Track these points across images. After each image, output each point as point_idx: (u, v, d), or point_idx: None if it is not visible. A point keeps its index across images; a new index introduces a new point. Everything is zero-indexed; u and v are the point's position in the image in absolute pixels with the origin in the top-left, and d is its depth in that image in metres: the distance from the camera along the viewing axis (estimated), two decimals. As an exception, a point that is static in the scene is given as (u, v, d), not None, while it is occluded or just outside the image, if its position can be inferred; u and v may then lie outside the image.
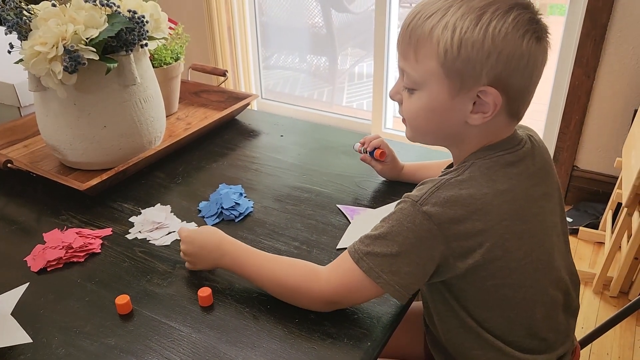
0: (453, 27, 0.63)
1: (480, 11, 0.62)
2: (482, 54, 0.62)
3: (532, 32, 0.64)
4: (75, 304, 0.80)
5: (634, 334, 1.63)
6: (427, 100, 0.68)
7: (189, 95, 1.49)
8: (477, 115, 0.67)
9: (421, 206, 0.65)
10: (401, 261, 0.67)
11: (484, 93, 0.65)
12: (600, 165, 2.13)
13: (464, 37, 0.62)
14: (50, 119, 1.08)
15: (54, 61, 0.96)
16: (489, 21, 0.62)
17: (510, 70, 0.64)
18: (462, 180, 0.67)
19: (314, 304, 0.75)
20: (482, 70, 0.63)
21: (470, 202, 0.65)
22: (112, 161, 1.11)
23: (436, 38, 0.64)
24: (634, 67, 1.92)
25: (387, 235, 0.67)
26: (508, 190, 0.68)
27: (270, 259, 0.79)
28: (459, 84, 0.65)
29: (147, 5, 1.11)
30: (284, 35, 3.24)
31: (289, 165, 1.17)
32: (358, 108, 3.22)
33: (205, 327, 0.76)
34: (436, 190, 0.66)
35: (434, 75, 0.66)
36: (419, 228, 0.65)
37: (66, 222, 0.99)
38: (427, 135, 0.74)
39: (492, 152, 0.70)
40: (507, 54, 0.63)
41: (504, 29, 0.62)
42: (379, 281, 0.68)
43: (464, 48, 0.63)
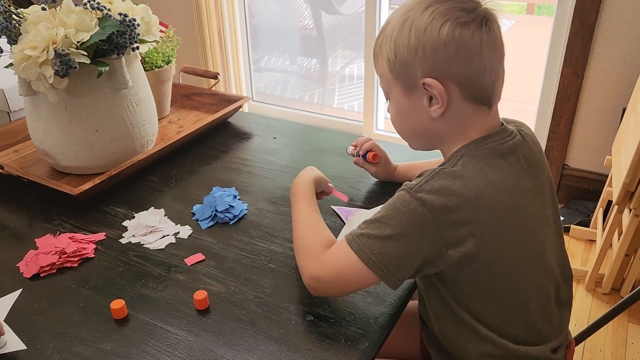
0: (390, 37, 0.72)
1: (404, 17, 0.71)
2: (411, 52, 0.70)
3: (453, 19, 0.68)
4: (70, 309, 0.80)
5: (626, 331, 1.64)
6: (395, 104, 0.77)
7: (180, 98, 1.49)
8: (434, 107, 0.72)
9: (416, 193, 0.68)
10: (392, 244, 0.68)
11: (428, 85, 0.70)
12: (591, 163, 2.15)
13: (397, 43, 0.71)
14: (41, 123, 1.07)
15: (45, 65, 0.95)
16: (410, 23, 0.70)
17: (442, 59, 0.69)
18: (455, 170, 0.70)
19: (304, 275, 0.77)
20: (415, 66, 0.70)
21: (463, 191, 0.67)
22: (104, 165, 1.11)
23: (385, 51, 0.74)
24: (622, 66, 1.94)
25: (381, 219, 0.70)
26: (499, 181, 0.70)
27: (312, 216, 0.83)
28: (406, 84, 0.73)
29: (138, 8, 1.10)
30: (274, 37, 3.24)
31: (282, 167, 1.17)
32: (349, 110, 3.23)
33: (201, 330, 0.75)
34: (431, 179, 0.69)
35: (389, 81, 0.75)
36: (412, 213, 0.68)
37: (59, 227, 0.98)
38: (411, 138, 0.80)
39: (482, 144, 0.72)
40: (431, 46, 0.69)
41: (423, 24, 0.69)
42: (368, 262, 0.69)
43: (398, 51, 0.71)
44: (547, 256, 0.77)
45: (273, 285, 0.83)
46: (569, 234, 2.06)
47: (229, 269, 0.87)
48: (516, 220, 0.71)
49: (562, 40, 2.01)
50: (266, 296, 0.81)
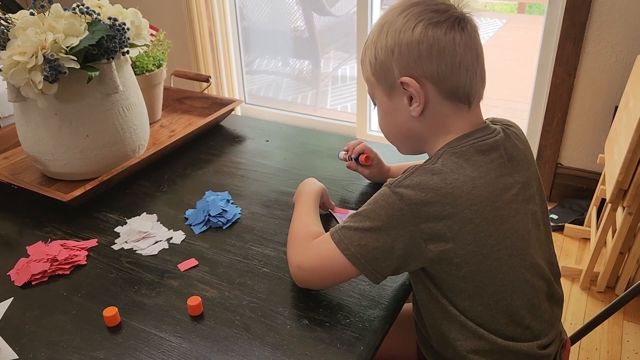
0: (371, 42, 0.77)
1: (382, 21, 0.76)
2: (389, 53, 0.74)
3: (426, 20, 0.72)
4: (62, 317, 0.79)
5: (621, 329, 1.64)
6: (379, 108, 0.80)
7: (172, 102, 1.48)
8: (413, 106, 0.75)
9: (395, 187, 0.71)
10: (370, 236, 0.71)
11: (406, 84, 0.73)
12: (584, 161, 2.16)
13: (377, 46, 0.76)
14: (31, 129, 1.06)
15: (34, 71, 0.94)
16: (388, 26, 0.74)
17: (415, 58, 0.72)
18: (434, 167, 0.72)
19: (289, 264, 0.81)
20: (392, 66, 0.74)
21: (441, 186, 0.69)
22: (96, 171, 1.10)
23: (367, 57, 0.78)
24: (613, 64, 1.95)
25: (362, 212, 0.73)
26: (478, 177, 0.71)
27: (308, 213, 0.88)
28: (387, 85, 0.76)
29: (128, 12, 1.09)
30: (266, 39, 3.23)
31: (276, 170, 1.16)
32: (342, 111, 3.22)
33: (195, 336, 0.75)
34: (410, 175, 0.72)
35: (373, 84, 0.79)
36: (390, 206, 0.70)
37: (50, 235, 0.97)
38: (396, 139, 0.82)
39: (462, 141, 0.74)
40: (406, 45, 0.72)
41: (398, 26, 0.73)
42: (347, 252, 0.72)
43: (378, 54, 0.75)
44: (532, 252, 0.77)
45: (267, 290, 0.82)
46: (564, 233, 2.06)
47: (223, 274, 0.86)
48: (496, 216, 0.72)
49: (554, 39, 2.02)
50: (260, 301, 0.80)
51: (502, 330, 0.76)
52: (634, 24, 1.86)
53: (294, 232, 0.84)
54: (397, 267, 0.73)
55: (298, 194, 0.95)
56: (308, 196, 0.92)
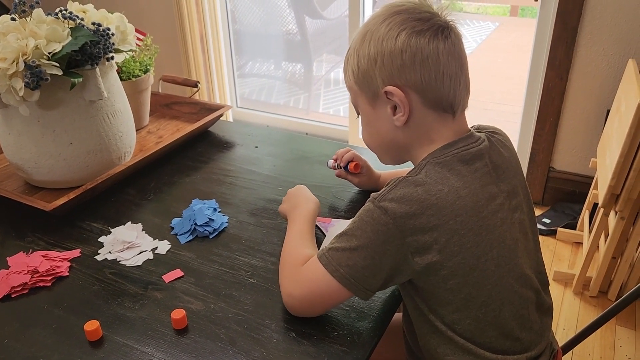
0: (354, 51, 0.76)
1: (364, 30, 0.75)
2: (371, 62, 0.73)
3: (409, 29, 0.71)
4: (42, 332, 0.76)
5: (614, 334, 1.64)
6: (362, 117, 0.79)
7: (160, 107, 1.46)
8: (397, 115, 0.73)
9: (378, 202, 0.70)
10: (358, 255, 0.70)
11: (390, 94, 0.72)
12: (576, 165, 2.15)
13: (359, 54, 0.74)
14: (13, 137, 1.04)
15: (15, 77, 0.92)
16: (370, 35, 0.73)
17: (399, 67, 0.71)
18: (417, 178, 0.71)
19: (282, 291, 0.78)
20: (375, 74, 0.73)
21: (425, 197, 0.68)
22: (80, 179, 1.07)
23: (350, 65, 0.77)
24: (605, 68, 1.95)
25: (348, 231, 0.72)
26: (462, 187, 0.70)
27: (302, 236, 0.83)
28: (370, 94, 0.75)
29: (113, 17, 1.07)
30: (258, 42, 3.21)
31: (265, 178, 1.15)
32: (335, 114, 3.21)
33: (179, 351, 0.73)
34: (393, 188, 0.70)
35: (356, 93, 0.77)
36: (376, 222, 0.69)
37: (32, 245, 0.94)
38: (379, 149, 0.81)
39: (446, 151, 0.73)
40: (389, 54, 0.71)
41: (380, 35, 0.72)
42: (336, 275, 0.70)
43: (360, 63, 0.74)
44: (520, 261, 0.76)
45: (254, 302, 0.81)
46: (556, 237, 2.06)
47: (209, 285, 0.84)
48: (482, 226, 0.70)
49: (546, 43, 2.01)
50: (247, 313, 0.78)
51: (492, 343, 0.74)
52: (625, 28, 1.86)
53: (285, 256, 0.81)
54: (385, 282, 0.72)
55: (292, 208, 0.90)
56: (305, 215, 0.87)
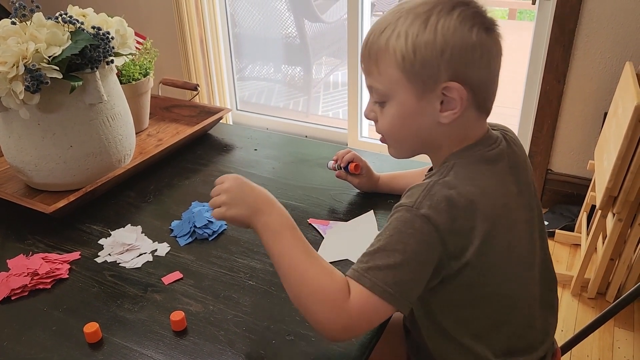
0: (405, 33, 0.66)
1: (425, 15, 0.66)
2: (437, 52, 0.65)
3: (480, 24, 0.67)
4: (42, 334, 0.77)
5: (612, 335, 1.64)
6: (397, 109, 0.70)
7: (159, 110, 1.47)
8: (447, 113, 0.68)
9: (418, 210, 0.65)
10: (404, 270, 0.64)
11: (448, 89, 0.67)
12: (574, 168, 2.16)
13: (416, 40, 0.66)
14: (14, 140, 1.04)
15: (15, 81, 0.93)
16: (436, 21, 0.66)
17: (467, 63, 0.66)
18: (448, 180, 0.68)
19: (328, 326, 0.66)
20: (440, 67, 0.66)
21: (459, 201, 0.66)
22: (80, 182, 1.08)
23: (392, 48, 0.67)
24: (602, 71, 1.95)
25: (386, 247, 0.65)
26: (489, 188, 0.69)
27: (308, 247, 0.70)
28: (421, 85, 0.68)
29: (113, 20, 1.08)
30: (257, 46, 3.22)
31: (264, 180, 1.15)
32: (334, 117, 3.22)
33: (178, 353, 0.73)
34: (428, 194, 0.66)
35: (397, 82, 0.68)
36: (418, 232, 0.64)
37: (32, 247, 0.95)
38: (406, 145, 0.75)
39: (470, 152, 0.71)
40: (459, 47, 0.66)
41: (452, 24, 0.65)
42: (385, 296, 0.64)
43: (418, 50, 0.66)
44: (536, 260, 0.76)
45: (253, 304, 0.81)
46: (554, 239, 2.06)
47: (208, 287, 0.84)
48: (507, 226, 0.70)
49: (543, 46, 2.02)
50: (246, 315, 0.79)
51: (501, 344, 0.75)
52: (622, 31, 1.87)
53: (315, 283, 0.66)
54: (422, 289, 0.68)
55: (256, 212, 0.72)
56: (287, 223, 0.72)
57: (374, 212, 1.01)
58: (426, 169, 1.03)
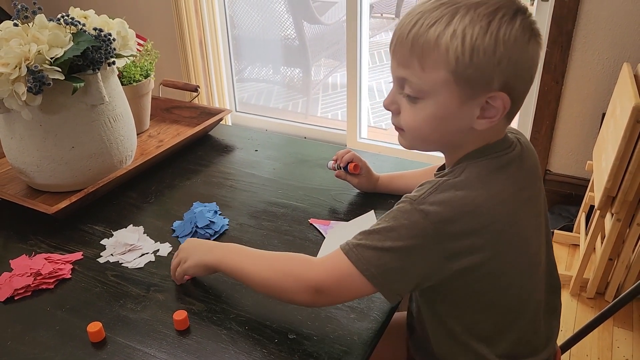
0: (462, 34, 0.62)
1: (488, 18, 0.62)
2: (494, 60, 0.63)
3: (535, 36, 0.65)
4: (45, 333, 0.77)
5: (611, 335, 1.65)
6: (434, 109, 0.67)
7: (160, 112, 1.47)
8: (484, 120, 0.67)
9: (418, 205, 0.65)
10: (392, 256, 0.65)
11: (493, 98, 0.65)
12: (572, 168, 2.17)
13: (475, 44, 0.62)
14: (16, 141, 1.05)
15: (17, 82, 0.93)
16: (497, 27, 0.62)
17: (518, 74, 0.65)
18: (457, 182, 0.67)
19: (299, 290, 0.71)
20: (494, 76, 0.64)
21: (465, 203, 0.65)
22: (82, 182, 1.08)
23: (444, 46, 0.63)
24: (600, 71, 1.96)
25: (381, 231, 0.67)
26: (500, 193, 0.68)
27: (262, 251, 0.79)
28: (468, 91, 0.65)
29: (114, 22, 1.09)
30: (256, 47, 3.23)
31: (264, 181, 1.16)
32: (333, 118, 3.23)
33: (181, 352, 0.73)
34: (434, 191, 0.66)
35: (443, 83, 0.65)
36: (414, 225, 0.65)
37: (34, 248, 0.95)
38: (427, 142, 0.73)
39: (485, 155, 0.70)
40: (515, 59, 0.63)
41: (513, 34, 0.63)
42: (367, 273, 0.66)
43: (475, 55, 0.62)
44: (542, 267, 0.76)
45: (255, 303, 0.81)
46: (553, 239, 2.07)
47: (210, 287, 0.85)
48: (515, 232, 0.69)
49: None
50: (248, 314, 0.79)
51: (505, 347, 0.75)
52: (619, 32, 1.88)
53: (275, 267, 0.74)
54: (415, 286, 0.69)
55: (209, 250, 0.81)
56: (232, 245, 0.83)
57: (374, 212, 1.01)
58: (427, 169, 1.05)
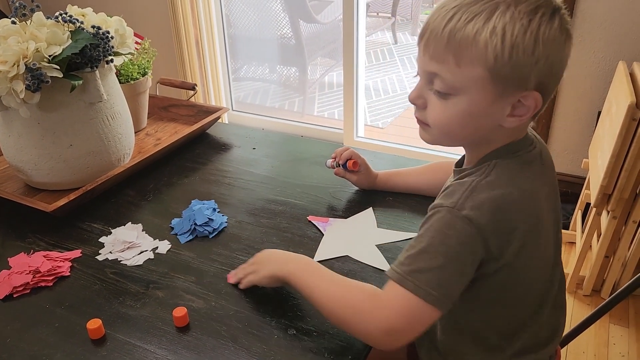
0: (503, 31, 0.60)
1: (529, 16, 0.61)
2: (532, 60, 0.62)
3: (570, 37, 0.65)
4: (44, 330, 0.77)
5: (608, 331, 1.66)
6: (466, 106, 0.66)
7: (157, 110, 1.47)
8: (514, 118, 0.66)
9: (459, 211, 0.64)
10: (448, 272, 0.64)
11: (526, 97, 0.64)
12: (568, 166, 2.18)
13: (515, 42, 0.61)
14: (13, 139, 1.05)
15: (15, 80, 0.93)
16: (538, 26, 0.61)
17: (552, 74, 0.65)
18: (491, 181, 0.67)
19: (371, 333, 0.67)
20: (530, 75, 0.63)
21: (501, 202, 0.65)
22: (80, 180, 1.08)
23: (483, 42, 0.61)
24: (596, 70, 1.98)
25: (428, 248, 0.65)
26: (528, 190, 0.68)
27: (335, 275, 0.75)
28: (503, 89, 0.64)
29: (112, 20, 1.09)
30: (253, 46, 3.23)
31: (262, 178, 1.16)
32: (329, 117, 3.23)
33: (181, 348, 0.74)
34: (470, 194, 0.65)
35: (478, 80, 0.63)
36: (460, 234, 0.64)
37: (33, 246, 0.95)
38: (454, 138, 0.72)
39: (513, 153, 0.70)
40: (552, 59, 0.63)
41: (552, 34, 0.62)
42: (430, 299, 0.63)
43: (515, 53, 0.61)
44: (556, 260, 0.77)
45: (255, 300, 0.82)
46: (550, 237, 2.08)
47: (209, 284, 0.85)
48: (540, 228, 0.70)
49: (537, 45, 2.04)
50: (247, 311, 0.80)
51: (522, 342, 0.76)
52: (615, 31, 1.89)
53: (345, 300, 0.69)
54: None
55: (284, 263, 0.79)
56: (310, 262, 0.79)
57: (373, 209, 1.02)
58: (426, 166, 1.05)
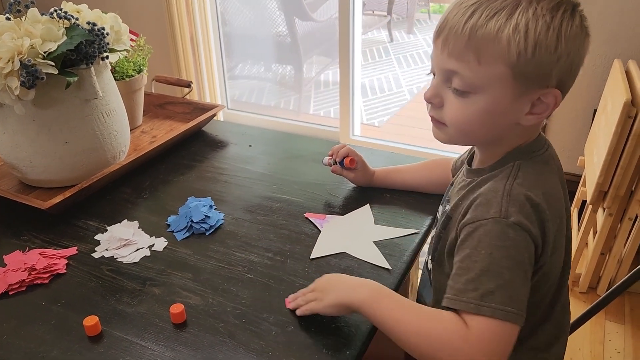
0: (525, 28, 0.60)
1: (551, 13, 0.61)
2: (554, 57, 0.61)
3: (588, 33, 0.65)
4: (41, 328, 0.77)
5: (603, 329, 1.66)
6: (486, 104, 0.64)
7: (153, 107, 1.46)
8: (532, 116, 0.65)
9: (507, 220, 0.63)
10: (516, 284, 0.62)
11: (546, 94, 0.64)
12: (564, 164, 2.14)
13: (538, 39, 0.60)
14: (8, 136, 1.04)
15: (10, 76, 0.92)
16: (560, 23, 0.61)
17: (572, 71, 0.64)
18: (522, 183, 0.66)
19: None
20: (552, 73, 0.62)
21: (536, 203, 0.65)
22: (75, 178, 1.08)
23: (506, 39, 0.60)
24: (592, 68, 1.98)
25: (490, 267, 0.62)
26: (551, 189, 0.68)
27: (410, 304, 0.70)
28: (524, 86, 0.63)
29: (107, 17, 1.08)
30: (248, 45, 3.22)
31: (259, 176, 1.15)
32: (325, 116, 3.23)
33: (178, 345, 0.73)
34: (510, 199, 0.64)
35: (500, 78, 0.62)
36: (516, 242, 0.63)
37: (28, 243, 0.94)
38: (473, 138, 0.71)
39: (534, 152, 0.70)
40: (573, 56, 0.63)
41: (574, 31, 0.62)
42: (509, 317, 0.61)
43: (538, 51, 0.60)
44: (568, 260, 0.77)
45: (252, 296, 0.81)
46: (545, 234, 2.08)
47: (206, 281, 0.85)
48: (562, 228, 0.70)
49: (533, 43, 2.04)
50: (245, 307, 0.79)
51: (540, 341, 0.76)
52: (611, 29, 1.90)
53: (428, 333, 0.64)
54: None
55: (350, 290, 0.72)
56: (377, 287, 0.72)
57: (370, 206, 1.02)
58: (422, 163, 1.05)
